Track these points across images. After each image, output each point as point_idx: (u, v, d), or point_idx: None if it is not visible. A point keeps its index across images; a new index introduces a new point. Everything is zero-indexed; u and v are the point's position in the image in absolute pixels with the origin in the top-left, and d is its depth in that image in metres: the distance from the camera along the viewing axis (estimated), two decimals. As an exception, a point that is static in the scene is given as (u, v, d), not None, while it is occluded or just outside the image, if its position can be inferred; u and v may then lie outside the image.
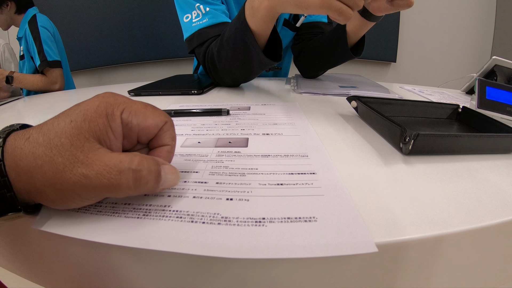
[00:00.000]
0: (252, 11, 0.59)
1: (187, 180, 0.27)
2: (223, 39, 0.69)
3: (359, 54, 0.81)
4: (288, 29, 0.99)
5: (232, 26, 0.66)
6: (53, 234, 0.21)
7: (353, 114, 0.52)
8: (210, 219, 0.21)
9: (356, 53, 0.81)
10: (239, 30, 0.63)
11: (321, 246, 0.19)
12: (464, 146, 0.35)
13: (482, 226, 0.22)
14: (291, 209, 0.22)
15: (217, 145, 0.35)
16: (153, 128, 0.25)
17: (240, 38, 0.64)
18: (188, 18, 0.80)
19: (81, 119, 0.21)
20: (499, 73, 0.81)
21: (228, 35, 0.67)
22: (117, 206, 0.23)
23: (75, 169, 0.19)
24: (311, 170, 0.29)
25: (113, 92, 0.24)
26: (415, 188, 0.27)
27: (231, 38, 0.66)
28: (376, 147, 0.36)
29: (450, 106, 0.51)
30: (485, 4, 2.51)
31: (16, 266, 0.26)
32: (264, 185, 0.26)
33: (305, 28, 0.98)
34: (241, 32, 0.63)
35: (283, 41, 1.02)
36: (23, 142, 0.20)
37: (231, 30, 0.66)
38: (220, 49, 0.71)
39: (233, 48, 0.67)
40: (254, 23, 0.60)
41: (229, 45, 0.67)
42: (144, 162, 0.21)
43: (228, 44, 0.67)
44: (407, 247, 0.20)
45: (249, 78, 0.78)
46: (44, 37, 1.62)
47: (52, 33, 1.71)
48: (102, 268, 0.21)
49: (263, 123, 0.44)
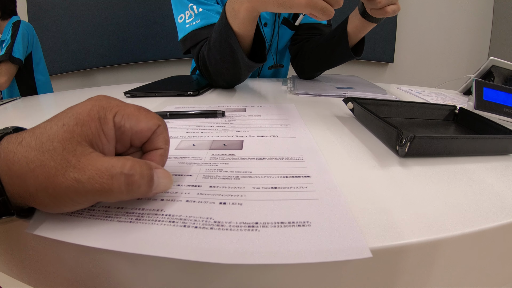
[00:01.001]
0: (233, 13, 0.58)
1: (180, 184, 0.26)
2: (210, 42, 0.69)
3: (359, 54, 0.81)
4: (287, 28, 0.99)
5: (217, 29, 0.65)
6: (47, 238, 0.21)
7: (350, 115, 0.51)
8: (203, 223, 0.21)
9: (356, 53, 0.81)
10: (223, 32, 0.63)
11: (315, 252, 0.18)
12: (461, 148, 0.35)
13: (479, 230, 0.22)
14: (285, 213, 0.22)
15: (212, 147, 0.35)
16: (146, 132, 0.24)
17: (225, 40, 0.63)
18: (182, 19, 0.80)
19: (74, 122, 0.21)
20: (496, 73, 0.81)
21: (214, 38, 0.67)
22: (110, 210, 0.23)
23: (67, 174, 0.19)
24: (306, 173, 0.28)
25: (107, 95, 0.24)
26: (411, 191, 0.27)
27: (217, 41, 0.66)
28: (372, 149, 0.36)
29: (447, 107, 0.51)
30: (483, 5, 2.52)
31: (11, 268, 0.26)
32: (258, 189, 0.25)
33: (304, 29, 0.98)
34: (225, 34, 0.62)
35: (282, 40, 1.03)
36: (15, 145, 0.19)
37: (216, 32, 0.65)
38: (209, 51, 0.70)
39: (220, 51, 0.66)
40: (237, 25, 0.60)
41: (216, 48, 0.67)
42: (136, 167, 0.21)
43: (215, 47, 0.67)
44: (403, 252, 0.20)
45: (240, 79, 0.78)
46: (19, 38, 1.72)
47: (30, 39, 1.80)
48: (96, 272, 0.21)
49: (258, 125, 0.44)
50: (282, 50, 1.09)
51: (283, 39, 1.02)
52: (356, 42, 0.81)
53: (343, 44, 0.79)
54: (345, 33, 0.78)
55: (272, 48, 1.02)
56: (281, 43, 1.04)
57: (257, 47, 0.68)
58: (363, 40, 0.80)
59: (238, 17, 0.58)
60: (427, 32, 2.59)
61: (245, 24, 0.59)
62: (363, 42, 0.81)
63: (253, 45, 0.67)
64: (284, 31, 1.00)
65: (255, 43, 0.67)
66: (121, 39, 2.47)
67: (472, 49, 2.62)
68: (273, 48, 1.02)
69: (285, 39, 1.03)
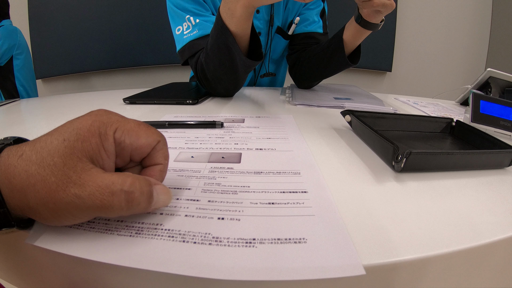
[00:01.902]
0: (230, 13, 0.60)
1: (179, 198, 0.27)
2: (207, 48, 0.70)
3: (356, 62, 0.82)
4: (281, 37, 1.01)
5: (213, 33, 0.66)
6: (46, 249, 0.21)
7: (347, 128, 0.52)
8: (202, 239, 0.21)
9: (353, 61, 0.82)
10: (220, 35, 0.64)
11: (310, 269, 0.19)
12: (456, 162, 0.35)
13: (470, 247, 0.22)
14: (282, 229, 0.22)
15: (210, 160, 0.36)
16: (146, 148, 0.25)
17: (222, 42, 0.64)
18: (180, 31, 0.81)
19: (74, 138, 0.21)
20: (494, 85, 0.82)
21: (211, 43, 0.68)
22: (110, 223, 0.23)
23: (68, 189, 0.19)
24: (303, 188, 0.29)
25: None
26: (406, 207, 0.27)
27: (214, 45, 0.67)
28: (369, 164, 0.36)
29: (444, 120, 0.51)
30: (481, 15, 2.54)
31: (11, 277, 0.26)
32: (255, 204, 0.26)
33: (300, 39, 0.99)
34: (222, 36, 0.63)
35: (276, 49, 1.04)
36: (16, 159, 0.20)
37: (213, 37, 0.67)
38: (206, 58, 0.71)
39: (218, 55, 0.68)
40: (234, 24, 0.61)
41: (214, 52, 0.68)
42: (136, 184, 0.21)
43: (213, 52, 0.68)
44: (397, 269, 0.21)
45: (238, 84, 0.79)
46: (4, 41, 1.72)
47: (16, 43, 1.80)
48: (94, 284, 0.21)
49: (256, 137, 0.44)
50: (279, 59, 1.10)
51: (278, 48, 1.04)
52: (353, 50, 0.82)
53: (339, 52, 0.80)
54: (341, 41, 0.79)
55: (266, 58, 1.03)
56: (276, 53, 1.05)
57: (253, 46, 0.69)
58: (359, 48, 0.81)
59: (234, 15, 0.59)
60: (425, 41, 2.61)
61: (241, 22, 0.60)
62: (359, 50, 0.82)
63: (250, 45, 0.69)
64: (278, 40, 1.01)
65: (251, 42, 0.68)
66: (119, 43, 2.46)
67: (470, 59, 2.64)
68: (266, 57, 1.03)
69: (279, 48, 1.05)
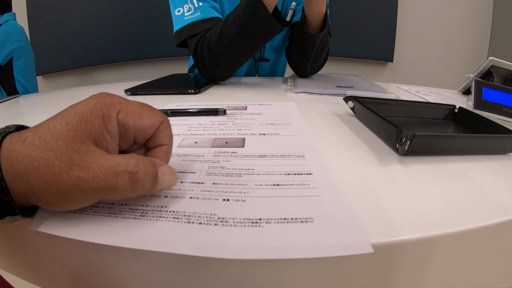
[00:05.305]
0: None
1: (184, 181, 0.27)
2: (228, 21, 0.73)
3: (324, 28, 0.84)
4: None
5: (241, 5, 0.71)
6: (50, 235, 0.21)
7: (350, 114, 0.52)
8: (207, 220, 0.21)
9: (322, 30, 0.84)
10: (249, 5, 0.68)
11: (317, 247, 0.19)
12: (460, 147, 0.35)
13: (476, 227, 0.22)
14: (288, 209, 0.22)
15: (214, 145, 0.36)
16: (150, 128, 0.25)
17: (250, 11, 0.68)
18: (180, 12, 0.82)
19: (77, 121, 0.21)
20: (496, 73, 0.82)
21: (235, 15, 0.71)
22: (114, 207, 0.23)
23: (72, 172, 0.19)
24: (308, 170, 0.29)
25: (109, 92, 0.24)
26: (410, 188, 0.27)
27: (239, 16, 0.70)
28: (372, 148, 0.36)
29: (447, 106, 0.51)
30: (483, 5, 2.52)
31: (13, 266, 0.26)
32: (260, 186, 0.26)
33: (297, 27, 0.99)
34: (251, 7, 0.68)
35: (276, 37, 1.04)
36: (19, 144, 0.19)
37: (240, 8, 0.71)
38: (222, 30, 0.73)
39: (240, 23, 0.70)
40: None
41: (236, 23, 0.71)
42: (140, 164, 0.21)
43: (234, 23, 0.71)
44: (403, 248, 0.21)
45: (247, 57, 0.80)
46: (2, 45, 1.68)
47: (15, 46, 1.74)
48: (99, 268, 0.21)
49: (259, 123, 0.44)
50: (279, 47, 1.10)
51: (277, 37, 1.04)
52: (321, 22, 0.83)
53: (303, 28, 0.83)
54: (304, 16, 0.82)
55: None
56: (276, 40, 1.06)
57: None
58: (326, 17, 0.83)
59: None
60: (426, 32, 2.59)
61: None
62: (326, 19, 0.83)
63: None
64: None
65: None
66: (120, 37, 2.45)
67: (472, 49, 2.62)
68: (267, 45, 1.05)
69: (279, 36, 1.05)
